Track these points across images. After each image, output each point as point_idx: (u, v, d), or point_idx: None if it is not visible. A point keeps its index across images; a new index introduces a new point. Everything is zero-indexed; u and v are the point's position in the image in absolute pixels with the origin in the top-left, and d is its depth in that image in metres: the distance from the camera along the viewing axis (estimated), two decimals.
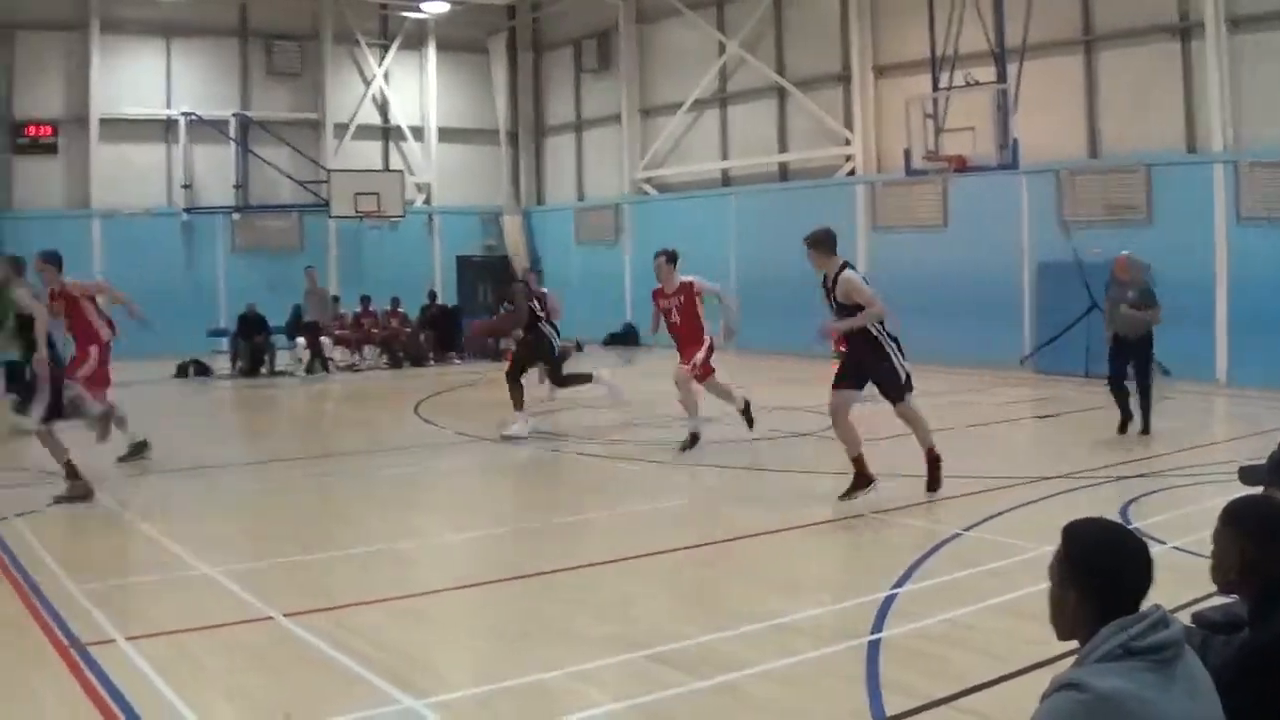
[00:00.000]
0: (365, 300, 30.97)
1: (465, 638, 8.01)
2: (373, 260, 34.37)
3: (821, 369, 19.67)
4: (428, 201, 36.38)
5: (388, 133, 36.48)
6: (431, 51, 36.81)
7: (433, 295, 32.36)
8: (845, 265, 11.78)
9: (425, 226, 36.00)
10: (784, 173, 31.00)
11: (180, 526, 11.26)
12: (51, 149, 31.98)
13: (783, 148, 30.90)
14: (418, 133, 36.62)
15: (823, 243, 11.74)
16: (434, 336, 30.98)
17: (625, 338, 33.86)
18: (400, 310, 31.11)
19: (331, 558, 10.11)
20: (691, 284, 15.54)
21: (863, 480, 11.42)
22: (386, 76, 36.18)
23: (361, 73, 35.91)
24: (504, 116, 37.94)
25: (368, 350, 30.77)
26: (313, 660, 7.20)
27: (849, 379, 11.67)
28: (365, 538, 10.88)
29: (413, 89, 36.74)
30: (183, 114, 33.01)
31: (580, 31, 36.59)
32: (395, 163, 36.23)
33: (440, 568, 10.02)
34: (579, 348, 32.47)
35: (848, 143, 28.76)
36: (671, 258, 15.70)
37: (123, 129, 32.46)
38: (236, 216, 33.56)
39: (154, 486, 13.97)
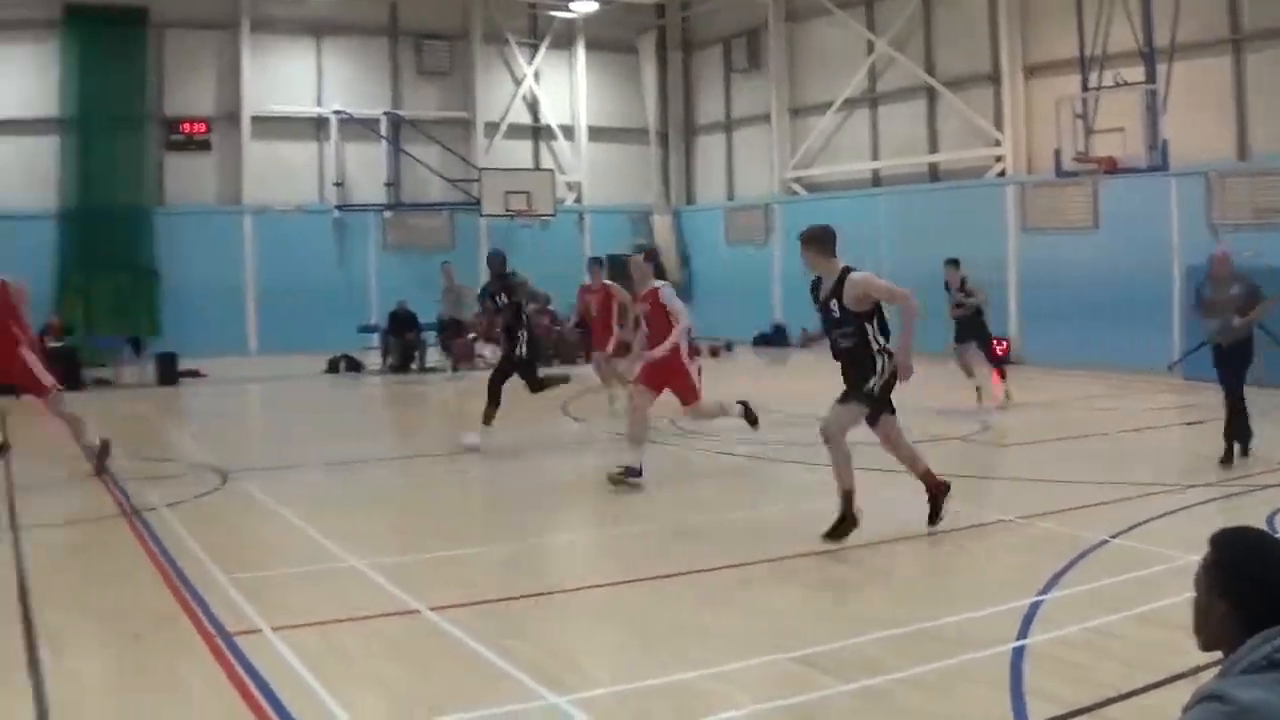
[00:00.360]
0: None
1: (611, 635, 7.92)
2: (524, 259, 33.69)
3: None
4: (578, 200, 36.07)
5: (538, 132, 36.28)
6: (581, 51, 36.56)
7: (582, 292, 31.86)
8: (848, 269, 10.05)
9: (576, 225, 35.67)
10: (934, 173, 30.30)
11: (328, 519, 11.39)
12: (204, 146, 32.34)
13: (933, 148, 30.20)
14: (568, 132, 36.36)
15: (819, 241, 10.17)
16: (584, 335, 30.55)
17: (774, 339, 33.36)
18: (550, 308, 31.02)
19: (479, 552, 10.20)
20: (656, 292, 13.41)
21: (849, 522, 9.96)
22: (536, 76, 35.97)
23: (511, 72, 35.80)
24: (654, 116, 37.50)
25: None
26: (458, 654, 7.22)
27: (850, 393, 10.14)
28: (512, 533, 10.96)
29: (562, 88, 36.48)
30: (334, 112, 33.15)
31: (730, 30, 36.14)
32: (546, 162, 36.04)
33: (587, 564, 10.15)
34: (728, 348, 31.98)
35: (998, 143, 28.06)
36: (649, 256, 14.07)
37: (274, 126, 32.70)
38: (388, 214, 33.65)
39: (303, 479, 14.22)
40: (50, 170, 30.75)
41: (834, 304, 9.98)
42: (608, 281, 17.98)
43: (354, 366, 29.41)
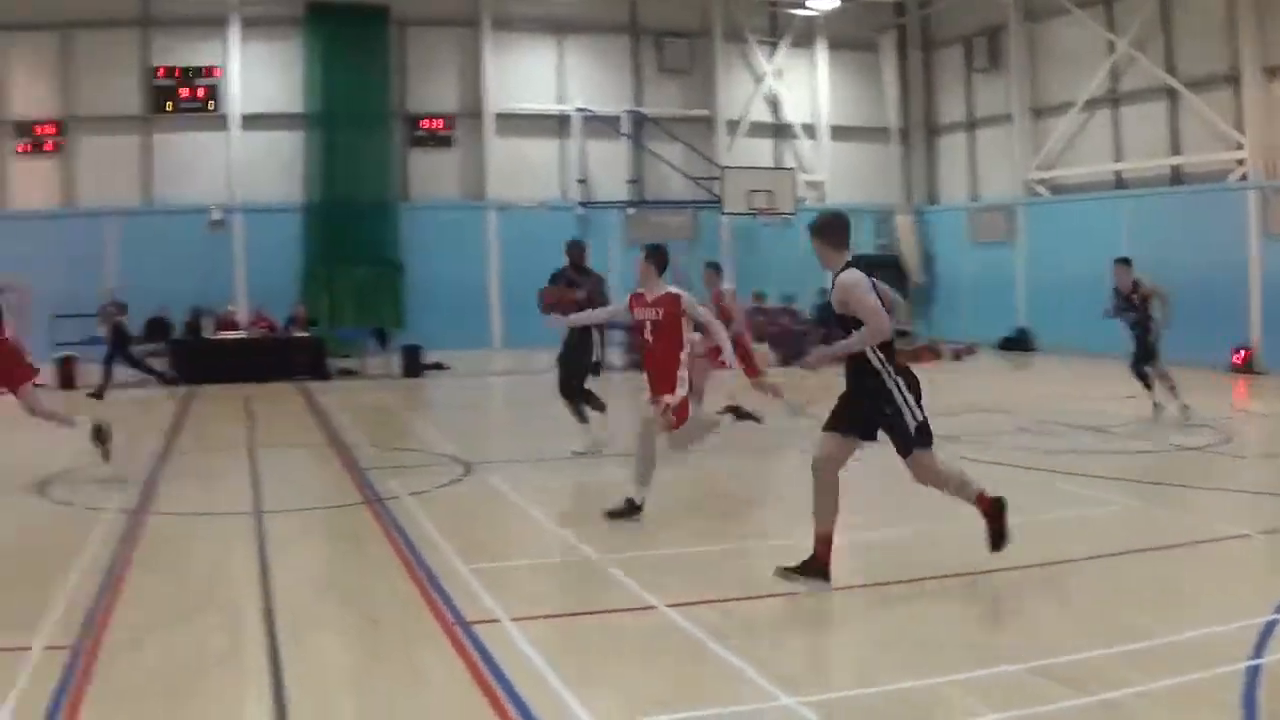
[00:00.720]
0: (759, 297, 30.91)
1: (851, 638, 7.88)
2: (766, 257, 33.61)
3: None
4: (820, 200, 35.19)
5: (779, 130, 35.69)
6: (821, 49, 35.88)
7: (824, 293, 31.41)
8: (849, 265, 8.61)
9: None
10: (1176, 176, 28.93)
11: (568, 512, 11.54)
12: (446, 142, 32.81)
13: (1174, 150, 28.80)
14: (809, 130, 35.70)
15: (825, 231, 8.79)
16: (825, 334, 30.13)
17: (1019, 342, 32.34)
18: (793, 308, 30.89)
19: (718, 550, 10.09)
20: (679, 298, 11.57)
21: (817, 567, 8.65)
22: (777, 74, 35.43)
23: (752, 70, 35.29)
24: (895, 115, 36.65)
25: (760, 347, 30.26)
26: (693, 652, 7.17)
27: (847, 421, 8.75)
28: (753, 531, 10.88)
29: (803, 86, 35.85)
30: (576, 110, 33.16)
31: (970, 29, 35.05)
32: (787, 160, 35.44)
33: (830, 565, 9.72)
34: (970, 351, 31.09)
35: (1239, 146, 26.64)
36: (654, 256, 11.87)
37: (516, 124, 32.91)
38: (631, 211, 33.50)
39: (544, 472, 14.25)
40: (296, 165, 31.44)
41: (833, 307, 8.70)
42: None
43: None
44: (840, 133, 36.07)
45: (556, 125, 33.48)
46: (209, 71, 31.57)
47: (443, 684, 6.65)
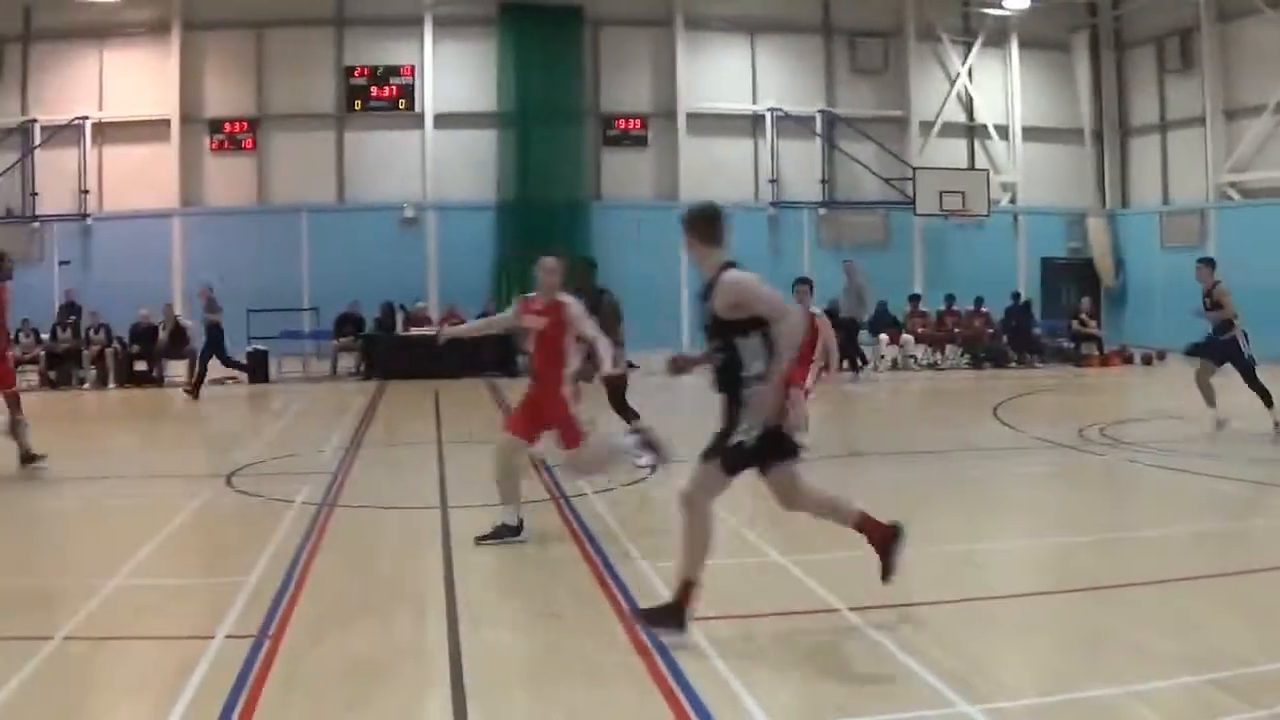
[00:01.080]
0: (949, 299, 30.65)
1: (1030, 645, 7.65)
2: (958, 259, 33.08)
3: None
4: (1013, 201, 34.68)
5: (972, 131, 35.07)
6: (1014, 49, 35.20)
7: (1016, 296, 31.31)
8: (729, 265, 7.49)
9: (1010, 227, 34.33)
10: None
11: (755, 513, 11.06)
12: (640, 142, 32.81)
13: None
14: (1002, 131, 35.01)
15: (698, 224, 7.65)
16: (1010, 338, 30.25)
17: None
18: (984, 310, 30.48)
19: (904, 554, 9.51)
20: (564, 307, 10.33)
21: (675, 612, 7.36)
22: (970, 73, 34.82)
23: (945, 70, 34.74)
24: (1088, 116, 35.81)
25: (949, 349, 30.53)
26: (874, 656, 7.10)
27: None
28: (938, 536, 10.54)
29: (996, 87, 35.21)
30: (769, 110, 32.93)
31: (1162, 30, 34.25)
32: (979, 161, 34.83)
33: (1011, 572, 9.86)
34: (1160, 357, 30.28)
35: None
36: (557, 256, 10.73)
37: (709, 123, 32.86)
38: (822, 212, 33.23)
39: None
40: (488, 163, 31.48)
41: (707, 310, 7.62)
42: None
43: None
44: (1033, 134, 35.35)
45: (749, 125, 33.31)
46: (402, 71, 31.67)
47: (620, 681, 6.68)
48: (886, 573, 7.79)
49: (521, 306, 10.82)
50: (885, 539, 7.85)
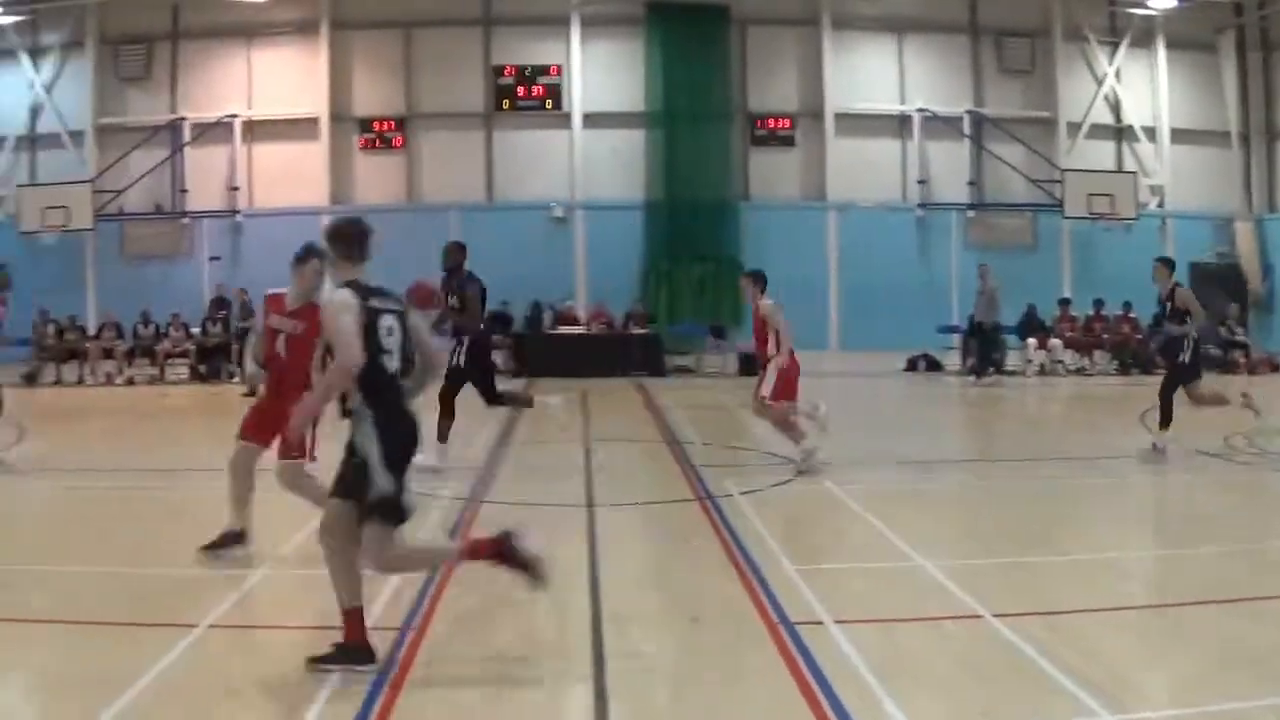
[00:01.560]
0: (1098, 304, 30.36)
1: (1174, 656, 7.49)
2: (1105, 263, 32.65)
3: None
4: (1160, 205, 34.22)
5: (1120, 132, 34.58)
6: (1161, 49, 34.69)
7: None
8: (350, 283, 7.00)
9: (1158, 230, 33.80)
10: None
11: (899, 516, 11.33)
12: (788, 142, 32.81)
13: None
14: (1149, 133, 34.45)
15: (336, 239, 7.18)
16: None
17: None
18: (1132, 315, 30.14)
19: (1048, 561, 9.95)
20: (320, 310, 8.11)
21: (347, 652, 6.72)
22: (1118, 74, 34.38)
23: (1092, 70, 34.28)
24: (1234, 118, 35.30)
25: (1098, 355, 30.29)
26: (1017, 664, 7.02)
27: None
28: (1084, 544, 10.61)
29: (1143, 88, 34.67)
30: (917, 110, 32.82)
31: None
32: (1127, 163, 34.37)
33: (1159, 582, 9.65)
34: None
35: None
36: (313, 254, 9.30)
37: (856, 123, 32.76)
38: (970, 213, 32.99)
39: (875, 475, 14.19)
40: (637, 163, 31.59)
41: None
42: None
43: (933, 366, 29.29)
44: (1180, 136, 34.81)
45: (896, 125, 33.18)
46: (550, 70, 31.83)
47: (762, 682, 6.70)
48: (534, 577, 7.02)
49: (270, 305, 9.69)
50: (502, 552, 7.03)
